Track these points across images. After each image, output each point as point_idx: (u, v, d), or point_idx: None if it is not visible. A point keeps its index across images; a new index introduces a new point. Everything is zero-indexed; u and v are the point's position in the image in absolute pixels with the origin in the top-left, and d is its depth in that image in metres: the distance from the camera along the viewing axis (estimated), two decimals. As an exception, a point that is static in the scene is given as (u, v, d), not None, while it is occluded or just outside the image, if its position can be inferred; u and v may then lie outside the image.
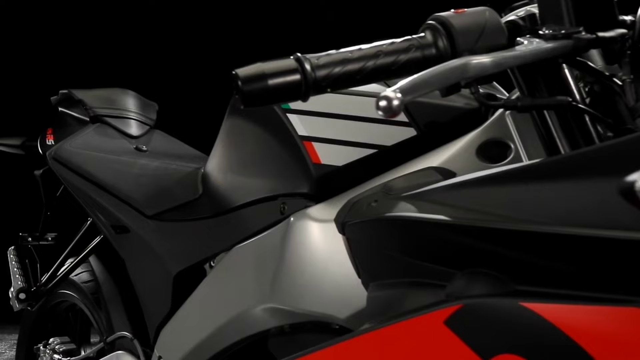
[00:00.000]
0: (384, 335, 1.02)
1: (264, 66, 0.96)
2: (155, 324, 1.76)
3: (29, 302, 2.14)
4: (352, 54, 0.99)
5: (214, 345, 1.58)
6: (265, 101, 0.97)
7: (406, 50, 1.00)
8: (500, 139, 1.26)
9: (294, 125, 1.37)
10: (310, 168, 1.35)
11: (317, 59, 0.98)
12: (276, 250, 1.39)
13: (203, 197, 1.72)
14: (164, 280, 1.74)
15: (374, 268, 1.13)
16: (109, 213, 1.91)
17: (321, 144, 1.34)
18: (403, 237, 1.05)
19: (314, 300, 1.32)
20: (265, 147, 1.48)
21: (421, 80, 0.90)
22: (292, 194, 1.40)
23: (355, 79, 0.99)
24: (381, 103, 0.87)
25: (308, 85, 0.97)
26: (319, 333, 1.41)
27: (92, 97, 2.21)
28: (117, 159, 1.98)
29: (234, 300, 1.51)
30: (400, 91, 0.87)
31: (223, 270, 1.57)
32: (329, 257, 1.30)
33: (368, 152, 1.32)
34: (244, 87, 0.96)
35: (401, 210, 1.06)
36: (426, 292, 1.04)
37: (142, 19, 5.42)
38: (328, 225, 1.31)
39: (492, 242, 0.95)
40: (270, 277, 1.40)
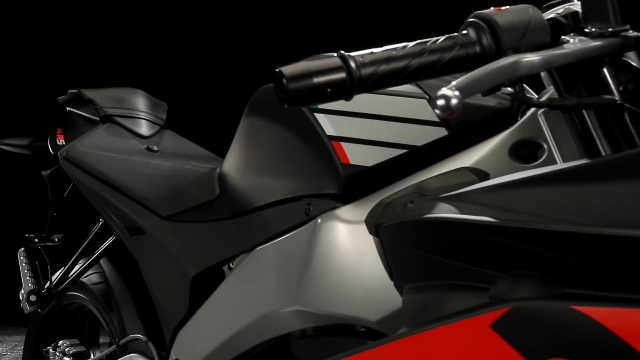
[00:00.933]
0: (427, 338, 1.00)
1: (309, 64, 0.94)
2: (172, 327, 1.74)
3: (39, 304, 2.11)
4: (396, 52, 0.97)
5: (235, 348, 1.56)
6: (310, 100, 0.95)
7: (450, 48, 0.98)
8: (533, 139, 1.24)
9: (322, 125, 1.35)
10: (339, 168, 1.33)
11: (362, 57, 0.96)
12: (302, 251, 1.37)
13: (220, 198, 1.69)
14: (181, 282, 1.71)
15: (409, 270, 1.11)
16: (123, 214, 1.89)
17: (350, 144, 1.32)
18: (442, 238, 1.03)
19: (344, 303, 1.30)
20: (289, 147, 1.46)
21: (474, 79, 0.89)
22: (318, 195, 1.38)
23: (400, 77, 0.97)
24: (439, 102, 0.85)
25: (353, 83, 0.95)
26: (344, 336, 1.39)
27: (102, 96, 2.18)
28: (129, 159, 1.96)
29: (257, 302, 1.49)
30: (457, 89, 0.85)
31: (244, 272, 1.55)
32: (358, 259, 1.28)
33: (398, 152, 1.30)
34: (290, 86, 0.94)
35: (440, 211, 1.04)
36: (467, 294, 1.02)
37: (146, 18, 5.40)
38: (357, 226, 1.29)
39: (539, 244, 0.93)
40: (296, 279, 1.38)
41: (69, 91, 2.26)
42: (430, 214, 1.05)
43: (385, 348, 1.04)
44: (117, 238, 1.99)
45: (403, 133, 1.29)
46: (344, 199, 1.34)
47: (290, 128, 1.44)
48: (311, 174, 1.40)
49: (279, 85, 0.95)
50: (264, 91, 1.54)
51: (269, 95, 1.51)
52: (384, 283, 1.23)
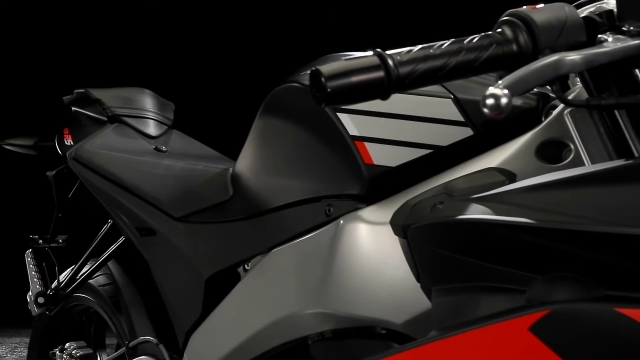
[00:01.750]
0: (462, 341, 0.98)
1: (348, 63, 0.93)
2: (185, 329, 1.72)
3: (47, 306, 2.08)
4: (433, 51, 0.96)
5: (251, 350, 1.54)
6: (348, 99, 0.93)
7: (487, 46, 0.97)
8: (559, 139, 1.23)
9: (345, 125, 1.33)
10: (362, 169, 1.32)
11: (399, 55, 0.95)
12: (324, 253, 1.35)
13: (234, 199, 1.68)
14: (195, 283, 1.69)
15: (438, 272, 1.10)
16: (133, 215, 1.87)
17: (374, 144, 1.30)
18: (475, 240, 1.02)
19: (368, 305, 1.28)
20: (309, 148, 1.44)
21: (521, 78, 0.87)
22: (340, 196, 1.36)
23: (437, 76, 0.96)
24: (488, 101, 0.84)
25: (391, 82, 0.94)
26: (364, 338, 1.37)
27: (109, 96, 2.16)
28: (140, 159, 1.94)
29: (275, 304, 1.47)
30: (505, 88, 0.84)
31: (261, 273, 1.53)
32: (383, 261, 1.27)
33: (423, 152, 1.28)
34: (329, 84, 0.92)
35: (473, 212, 1.03)
36: (501, 296, 1.01)
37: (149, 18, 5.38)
38: (382, 227, 1.27)
39: (579, 245, 0.92)
40: (316, 280, 1.36)
41: (76, 91, 2.23)
42: (462, 215, 1.03)
43: (419, 351, 1.02)
44: (127, 239, 1.97)
45: (427, 133, 1.28)
46: (367, 200, 1.32)
47: (311, 128, 1.42)
48: (332, 175, 1.39)
49: (317, 84, 0.93)
50: (281, 91, 1.52)
51: (286, 96, 1.50)
52: (409, 285, 1.22)
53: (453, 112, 1.27)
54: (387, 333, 1.33)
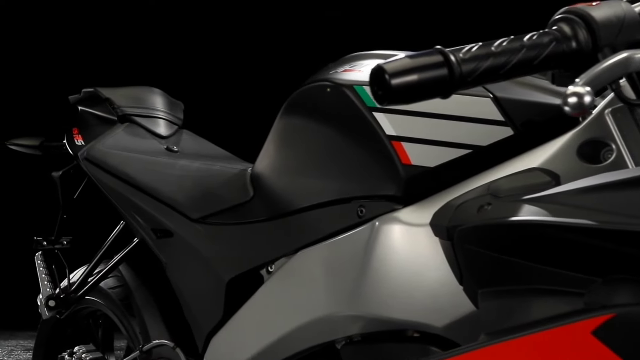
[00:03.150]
0: (519, 346, 0.96)
1: (411, 60, 0.91)
2: (205, 332, 1.69)
3: (58, 309, 2.05)
4: (495, 49, 0.94)
5: (276, 354, 1.51)
6: (411, 98, 0.91)
7: (547, 44, 0.95)
8: (600, 139, 1.21)
9: (382, 125, 1.31)
10: (399, 169, 1.29)
11: (461, 53, 0.93)
12: (358, 254, 1.32)
13: (255, 200, 1.65)
14: (215, 286, 1.66)
15: (486, 274, 1.08)
16: (149, 216, 1.84)
17: (411, 144, 1.28)
18: (529, 242, 1.00)
19: (406, 308, 1.26)
20: (338, 147, 1.41)
21: (596, 76, 0.85)
22: (373, 196, 1.34)
23: (499, 74, 0.94)
24: (571, 100, 0.82)
25: (454, 80, 0.92)
26: (396, 342, 1.35)
27: (119, 95, 2.13)
28: (155, 160, 1.91)
29: (303, 307, 1.45)
30: (586, 85, 0.82)
31: (287, 276, 1.51)
32: (422, 263, 1.24)
33: (462, 152, 1.26)
34: (393, 82, 0.90)
35: (526, 214, 1.01)
36: (557, 300, 0.99)
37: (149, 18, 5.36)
38: (420, 229, 1.25)
39: (638, 247, 0.90)
40: (350, 282, 1.34)
41: (83, 90, 2.20)
42: (515, 216, 1.01)
43: (473, 355, 1.00)
44: (141, 241, 1.93)
45: (466, 133, 1.25)
46: (403, 201, 1.30)
47: (343, 127, 1.40)
48: (365, 175, 1.36)
49: (380, 81, 0.91)
50: (309, 90, 1.49)
51: (316, 94, 1.47)
52: (449, 287, 1.20)
53: (492, 111, 1.25)
54: (420, 336, 1.31)
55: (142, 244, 1.94)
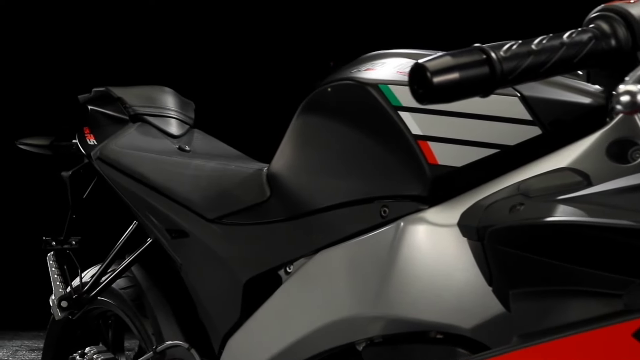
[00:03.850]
0: (556, 349, 0.95)
1: (453, 58, 0.89)
2: (222, 333, 1.67)
3: (71, 310, 2.03)
4: (535, 46, 0.93)
5: (295, 356, 1.50)
6: (451, 96, 0.90)
7: (587, 42, 0.93)
8: (630, 138, 1.19)
9: (407, 124, 1.29)
10: (425, 169, 1.28)
11: (502, 51, 0.92)
12: (383, 255, 1.31)
13: (272, 200, 1.63)
14: (232, 287, 1.65)
15: (518, 275, 1.06)
16: (164, 216, 1.82)
17: (438, 144, 1.27)
18: (565, 242, 0.99)
19: (433, 309, 1.24)
20: (360, 147, 1.40)
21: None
22: (398, 197, 1.32)
23: (539, 72, 0.93)
24: (624, 98, 0.81)
25: (495, 79, 0.90)
26: (419, 343, 1.33)
27: (131, 95, 2.12)
28: (169, 159, 1.90)
29: (323, 308, 1.43)
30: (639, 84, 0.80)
31: (307, 276, 1.49)
32: (449, 264, 1.23)
33: (489, 152, 1.24)
34: (435, 80, 0.89)
35: (561, 214, 0.99)
36: (594, 301, 0.97)
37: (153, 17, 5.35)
38: (446, 229, 1.24)
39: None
40: (374, 283, 1.32)
41: (94, 89, 2.19)
42: (550, 217, 1.00)
43: (508, 357, 0.99)
44: (154, 241, 1.92)
45: (494, 132, 1.24)
46: (429, 201, 1.29)
47: (366, 127, 1.39)
48: (389, 175, 1.35)
49: (421, 79, 0.90)
50: (329, 90, 1.48)
51: (338, 93, 1.46)
52: (478, 288, 1.19)
53: (520, 110, 1.23)
54: (444, 338, 1.30)
55: (156, 244, 1.92)
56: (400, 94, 1.31)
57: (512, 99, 1.23)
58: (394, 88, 1.32)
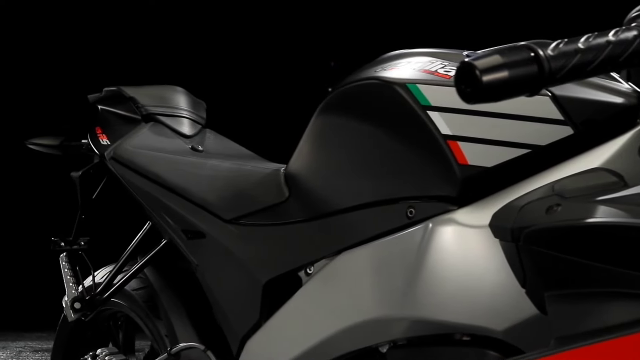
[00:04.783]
0: (597, 352, 0.94)
1: (502, 57, 0.88)
2: (240, 335, 1.66)
3: (84, 311, 2.01)
4: (582, 45, 0.91)
5: (317, 357, 1.48)
6: (500, 95, 0.89)
7: (632, 40, 0.92)
8: None
9: (436, 124, 1.28)
10: (455, 169, 1.26)
11: (549, 49, 0.90)
12: (410, 256, 1.30)
13: (291, 200, 1.62)
14: (251, 288, 1.63)
15: (555, 277, 1.05)
16: (179, 217, 1.81)
17: (468, 144, 1.25)
18: (606, 244, 0.97)
19: (464, 312, 1.23)
20: (385, 147, 1.38)
21: None
22: (425, 197, 1.31)
23: (585, 71, 0.91)
24: None
25: (543, 77, 0.89)
26: (445, 345, 1.32)
27: (143, 94, 2.10)
28: (184, 159, 1.88)
29: (346, 310, 1.42)
30: None
31: (329, 278, 1.47)
32: (480, 265, 1.22)
33: (520, 152, 1.23)
34: (484, 78, 0.87)
35: (603, 215, 0.98)
36: (633, 303, 0.96)
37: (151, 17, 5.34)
38: (477, 230, 1.23)
39: None
40: (401, 285, 1.31)
41: (105, 89, 2.17)
42: (591, 218, 0.99)
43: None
44: (168, 242, 1.90)
45: (525, 132, 1.23)
46: (458, 202, 1.27)
47: (392, 127, 1.37)
48: (416, 175, 1.33)
49: (470, 78, 0.88)
50: (352, 89, 1.46)
51: (362, 93, 1.44)
52: (510, 290, 1.17)
53: (551, 110, 1.22)
54: (471, 340, 1.29)
55: (170, 245, 1.90)
56: (429, 93, 1.30)
57: (543, 99, 1.22)
58: (422, 87, 1.31)
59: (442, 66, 1.34)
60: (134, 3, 5.38)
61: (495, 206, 1.19)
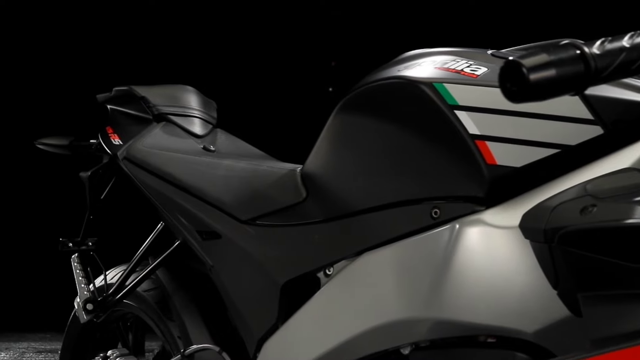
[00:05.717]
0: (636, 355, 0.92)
1: (549, 55, 0.87)
2: (257, 337, 1.64)
3: (96, 313, 1.99)
4: (626, 43, 0.90)
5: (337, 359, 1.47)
6: (547, 94, 0.88)
7: None
8: None
9: (464, 123, 1.27)
10: (483, 169, 1.25)
11: (595, 47, 0.89)
12: (436, 257, 1.28)
13: (309, 200, 1.60)
14: (269, 289, 1.62)
15: (592, 278, 1.04)
16: (194, 217, 1.79)
17: (497, 144, 1.24)
18: None
19: (493, 313, 1.22)
20: (409, 147, 1.37)
21: None
22: (451, 198, 1.30)
23: (630, 70, 0.91)
24: None
25: (590, 76, 0.88)
26: (471, 347, 1.31)
27: (154, 94, 2.09)
28: (198, 159, 1.87)
29: (367, 311, 1.40)
30: None
31: (350, 279, 1.46)
32: (509, 266, 1.20)
33: (549, 152, 1.22)
34: (531, 77, 0.86)
35: None
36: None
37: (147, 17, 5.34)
38: (505, 231, 1.21)
39: None
40: (426, 286, 1.30)
41: (115, 89, 2.15)
42: (629, 219, 0.98)
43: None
44: (182, 243, 1.89)
45: (554, 131, 1.22)
46: (485, 202, 1.26)
47: (416, 126, 1.36)
48: (441, 175, 1.32)
49: (516, 77, 0.87)
50: (374, 89, 1.45)
51: (383, 93, 1.43)
52: (541, 292, 1.16)
53: (581, 109, 1.21)
54: (497, 342, 1.27)
55: (183, 246, 1.89)
56: (456, 92, 1.29)
57: (572, 98, 1.20)
58: (449, 86, 1.30)
59: (467, 65, 1.32)
60: (139, 3, 5.37)
61: (525, 207, 1.18)
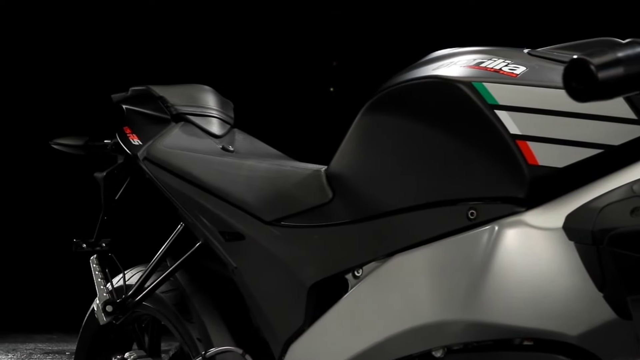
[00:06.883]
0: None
1: (616, 53, 0.85)
2: (283, 339, 1.62)
3: (116, 314, 1.97)
4: None
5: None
6: (614, 92, 0.86)
7: None
8: None
9: (504, 123, 1.25)
10: (524, 170, 1.23)
11: None
12: (474, 259, 1.26)
13: (336, 201, 1.58)
14: (295, 291, 1.60)
15: None
16: (217, 218, 1.77)
17: (538, 144, 1.22)
18: None
19: (535, 316, 1.20)
20: (445, 147, 1.35)
21: None
22: (489, 198, 1.28)
23: None
24: None
25: None
26: (508, 350, 1.29)
27: (172, 94, 2.06)
28: (220, 160, 1.84)
29: (399, 314, 1.39)
30: None
31: (380, 281, 1.44)
32: (553, 268, 1.19)
33: (592, 152, 1.20)
34: (600, 75, 0.84)
35: None
36: None
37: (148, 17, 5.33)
38: (548, 232, 1.20)
39: None
40: (463, 288, 1.28)
41: (132, 88, 2.13)
42: None
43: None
44: (203, 244, 1.86)
45: (596, 131, 1.20)
46: (526, 203, 1.24)
47: (453, 126, 1.34)
48: (478, 176, 1.30)
49: (584, 75, 0.86)
50: (407, 88, 1.43)
51: (418, 93, 1.41)
52: (586, 294, 1.15)
53: (624, 109, 1.19)
54: (534, 345, 1.26)
55: (204, 247, 1.87)
56: (496, 91, 1.27)
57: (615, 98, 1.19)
58: (489, 86, 1.28)
59: (505, 64, 1.31)
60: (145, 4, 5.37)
61: (567, 208, 1.16)
